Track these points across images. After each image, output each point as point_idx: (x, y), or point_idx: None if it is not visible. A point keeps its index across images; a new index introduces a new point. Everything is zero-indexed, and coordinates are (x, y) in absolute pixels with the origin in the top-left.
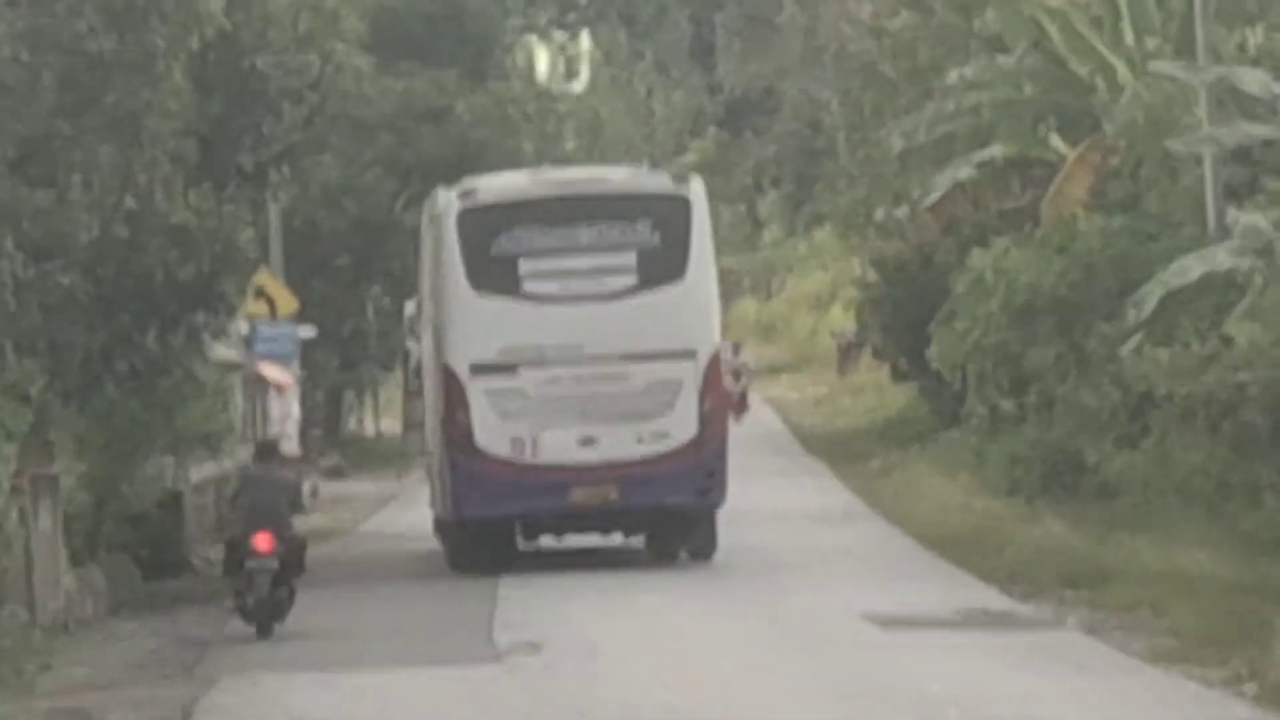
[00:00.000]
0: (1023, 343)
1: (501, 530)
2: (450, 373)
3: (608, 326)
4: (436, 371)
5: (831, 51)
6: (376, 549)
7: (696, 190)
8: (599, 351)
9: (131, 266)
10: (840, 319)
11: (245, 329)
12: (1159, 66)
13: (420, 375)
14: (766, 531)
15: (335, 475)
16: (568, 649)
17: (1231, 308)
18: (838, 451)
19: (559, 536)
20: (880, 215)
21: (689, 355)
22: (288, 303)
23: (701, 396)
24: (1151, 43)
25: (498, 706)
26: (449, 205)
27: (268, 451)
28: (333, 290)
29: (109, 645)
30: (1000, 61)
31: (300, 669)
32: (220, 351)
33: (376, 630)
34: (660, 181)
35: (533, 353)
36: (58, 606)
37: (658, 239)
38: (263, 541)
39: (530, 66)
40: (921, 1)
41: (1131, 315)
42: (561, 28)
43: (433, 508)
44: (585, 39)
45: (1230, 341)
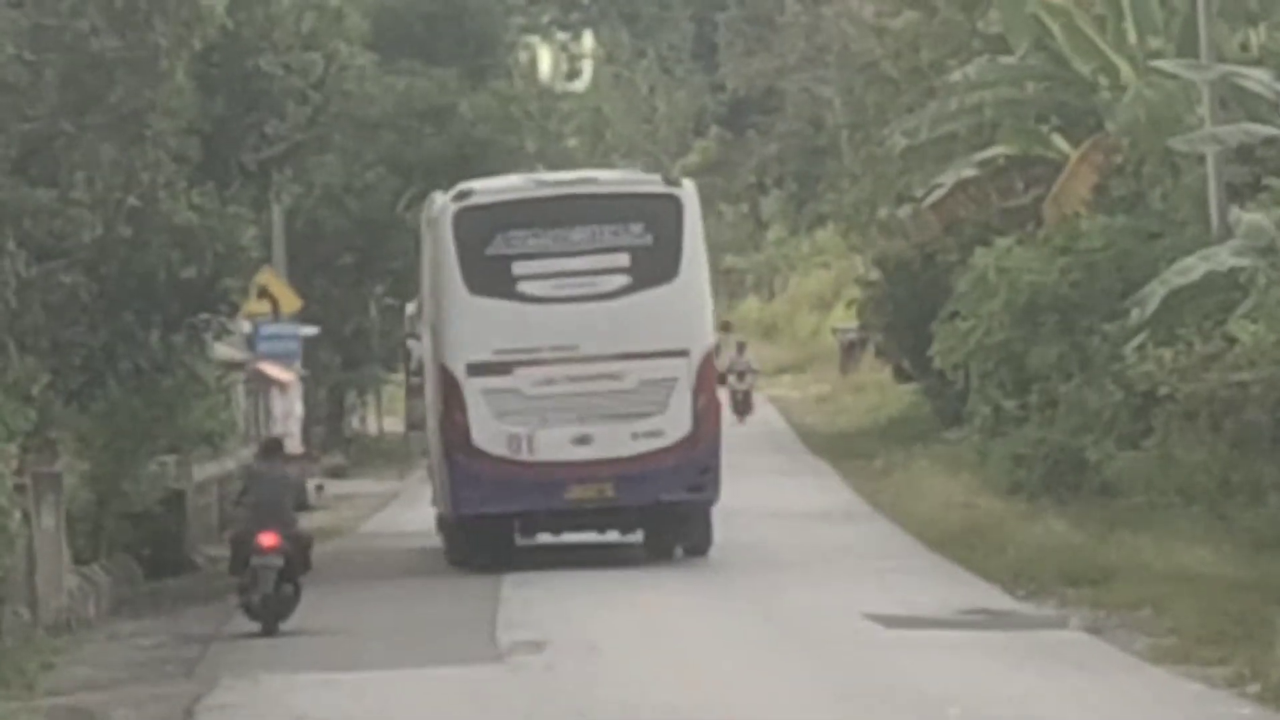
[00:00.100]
0: (1025, 342)
1: (500, 528)
2: (447, 373)
3: (602, 326)
4: (434, 372)
5: (834, 50)
6: (379, 548)
7: (688, 191)
8: (593, 351)
9: (134, 265)
10: (843, 318)
11: (248, 328)
12: (1162, 65)
13: (421, 375)
14: (768, 530)
15: (337, 474)
16: (570, 648)
17: (1234, 307)
18: (840, 450)
19: (556, 533)
20: (883, 214)
21: (682, 354)
22: (290, 302)
23: (695, 394)
24: (1154, 42)
25: (499, 706)
26: (444, 208)
27: (273, 449)
28: (335, 289)
29: (111, 644)
30: (1003, 60)
31: (302, 668)
32: (223, 350)
33: (379, 629)
34: (652, 183)
35: (528, 353)
36: (60, 605)
37: (650, 239)
38: (268, 539)
39: (533, 65)
40: (924, 0)
41: (1134, 314)
42: (564, 27)
43: (434, 506)
44: (588, 38)
45: (1233, 341)
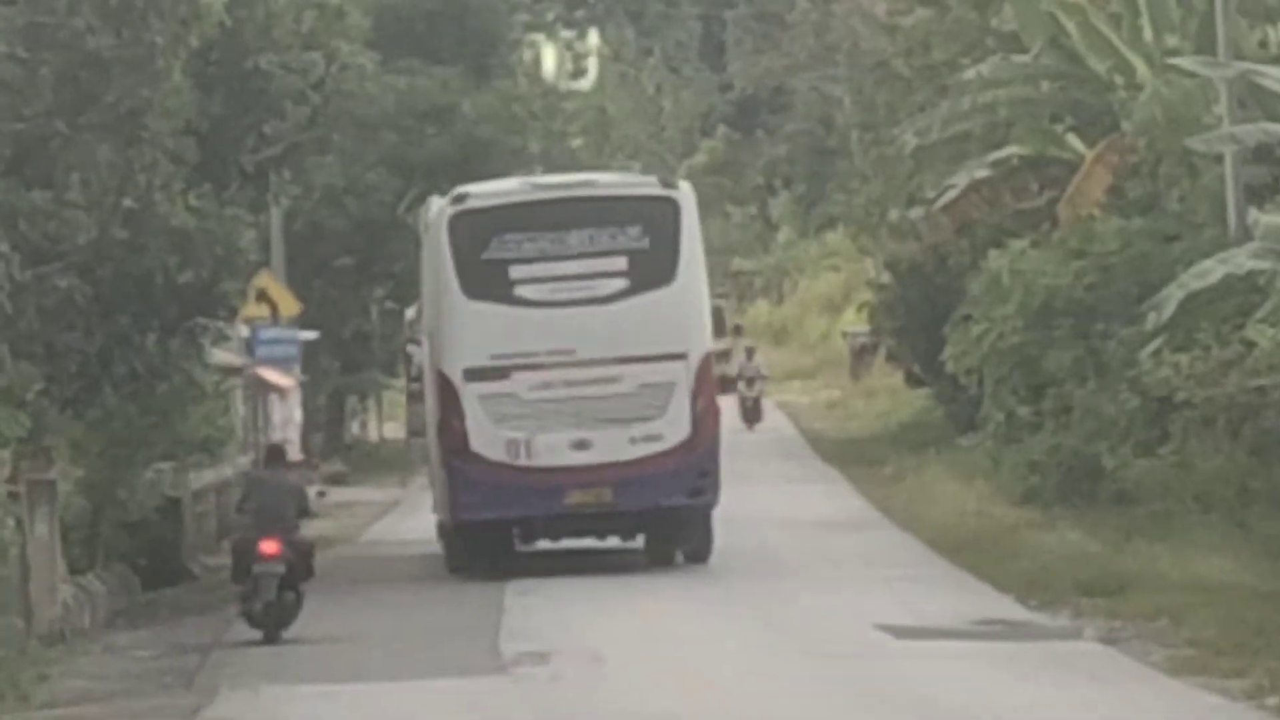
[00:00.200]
0: (1039, 346)
1: (499, 534)
2: (445, 378)
3: (599, 330)
4: (432, 377)
5: (844, 49)
6: (380, 556)
7: (685, 193)
8: (591, 355)
9: (130, 269)
10: (853, 322)
11: (246, 332)
12: (1179, 63)
13: (422, 380)
14: (775, 538)
15: (337, 481)
16: (574, 658)
17: (1253, 311)
18: (850, 457)
19: (555, 540)
20: (894, 216)
21: (680, 357)
22: (289, 305)
23: (694, 398)
24: (1171, 39)
25: (501, 719)
26: (440, 213)
27: (275, 456)
28: (335, 292)
29: (107, 656)
30: (1016, 59)
31: (302, 679)
32: (220, 355)
33: (380, 638)
34: (649, 185)
35: (525, 357)
36: (55, 616)
37: (647, 242)
38: (270, 546)
39: (537, 64)
40: None
41: (1151, 318)
42: (568, 25)
43: (435, 513)
44: (593, 36)
45: (1252, 345)
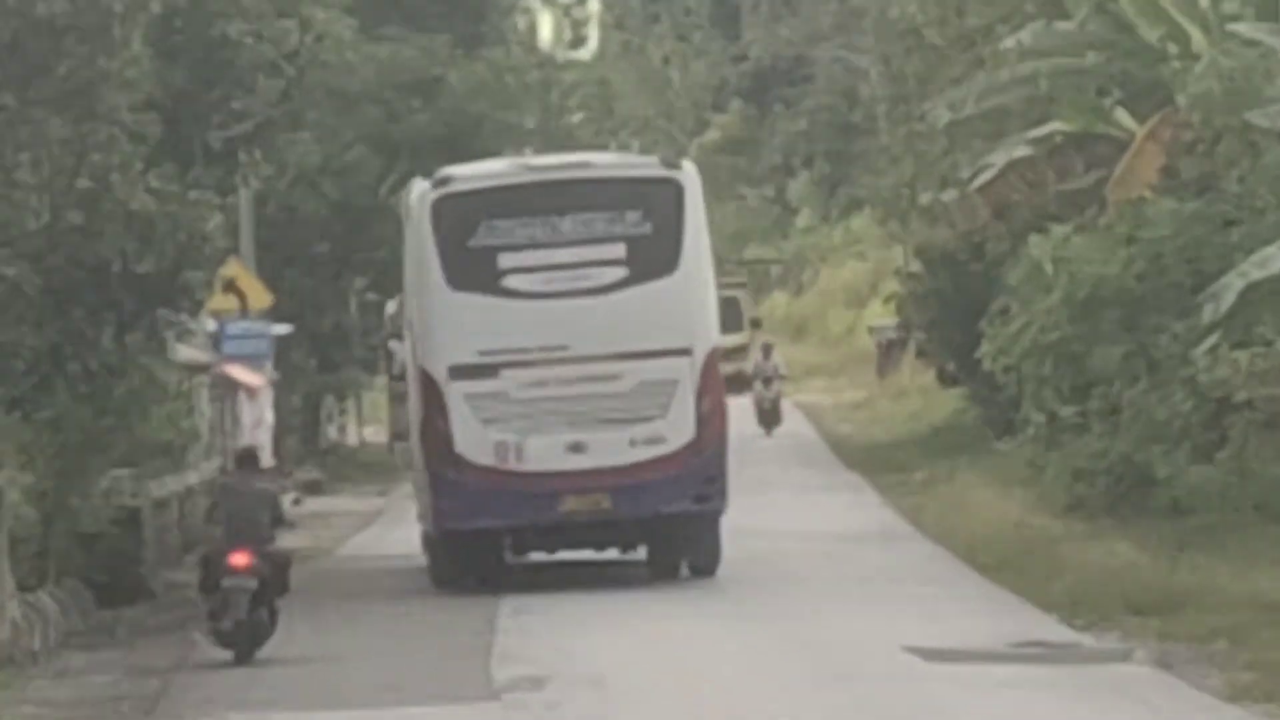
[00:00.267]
0: (1085, 342)
1: (487, 544)
2: (428, 376)
3: (596, 324)
4: (414, 375)
5: (870, 15)
6: (360, 571)
7: (688, 174)
8: (587, 351)
9: (85, 256)
10: (880, 315)
11: (212, 326)
12: (1239, 30)
13: (405, 379)
14: (795, 552)
15: (313, 489)
16: (573, 684)
17: None
18: (877, 463)
19: (550, 551)
20: (925, 199)
21: (684, 353)
22: (260, 297)
23: (699, 397)
24: (1230, 4)
25: None
26: (423, 196)
27: (247, 461)
28: (311, 283)
29: (60, 680)
30: (1060, 26)
31: (274, 707)
32: (184, 352)
33: (360, 662)
34: (649, 166)
35: (515, 353)
36: (2, 638)
37: (648, 228)
38: (241, 558)
39: (532, 32)
40: None
41: (1207, 311)
42: None
43: (420, 521)
44: (594, 1)
45: None
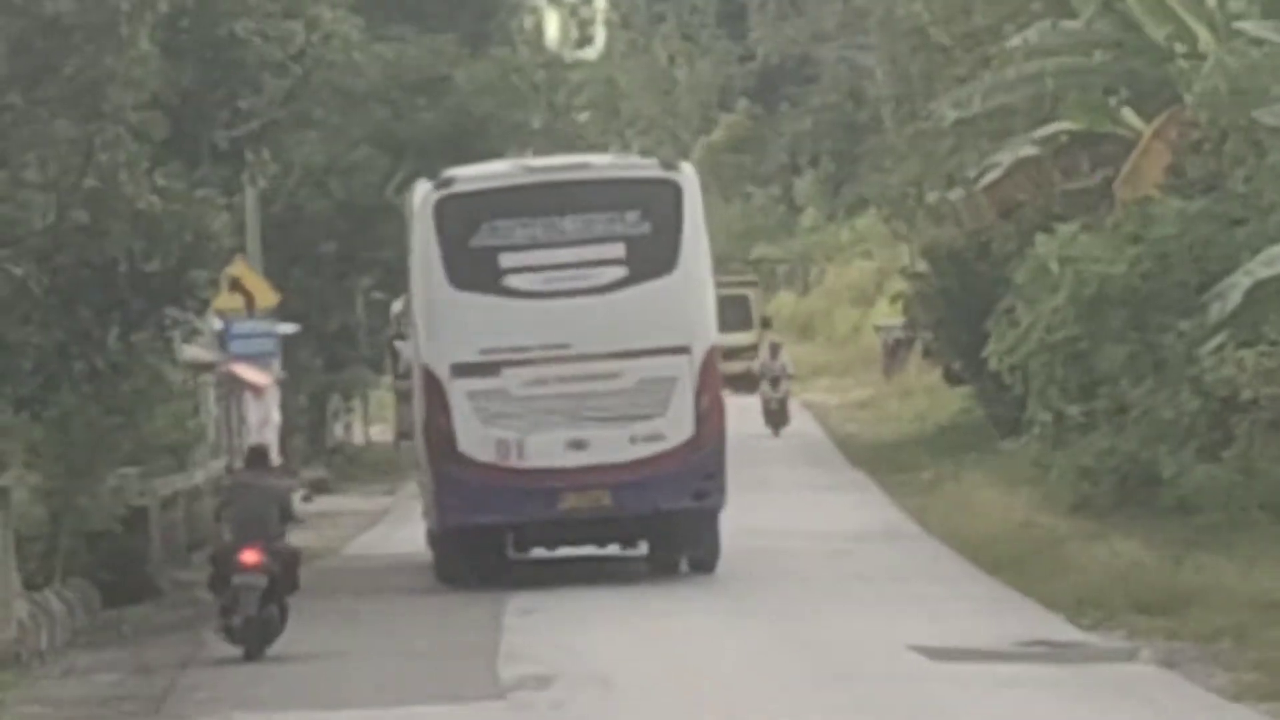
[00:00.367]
0: (1091, 341)
1: (489, 540)
2: (430, 374)
3: (596, 322)
4: (417, 373)
5: (876, 14)
6: (366, 570)
7: (687, 175)
8: (587, 349)
9: (91, 255)
10: (886, 314)
11: (219, 325)
12: (1245, 29)
13: (410, 378)
14: (801, 551)
15: (319, 489)
16: (579, 683)
17: None
18: (883, 462)
19: (551, 547)
20: (931, 198)
21: (683, 351)
22: (266, 296)
23: (697, 394)
24: (1236, 3)
25: None
26: (426, 197)
27: (257, 458)
28: (317, 282)
29: (66, 679)
30: (1066, 25)
31: (280, 706)
32: (190, 351)
33: (366, 660)
34: (649, 167)
35: (517, 351)
36: (8, 636)
37: (647, 228)
38: (251, 555)
39: (538, 31)
40: None
41: (1214, 310)
42: None
43: (425, 518)
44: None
45: None
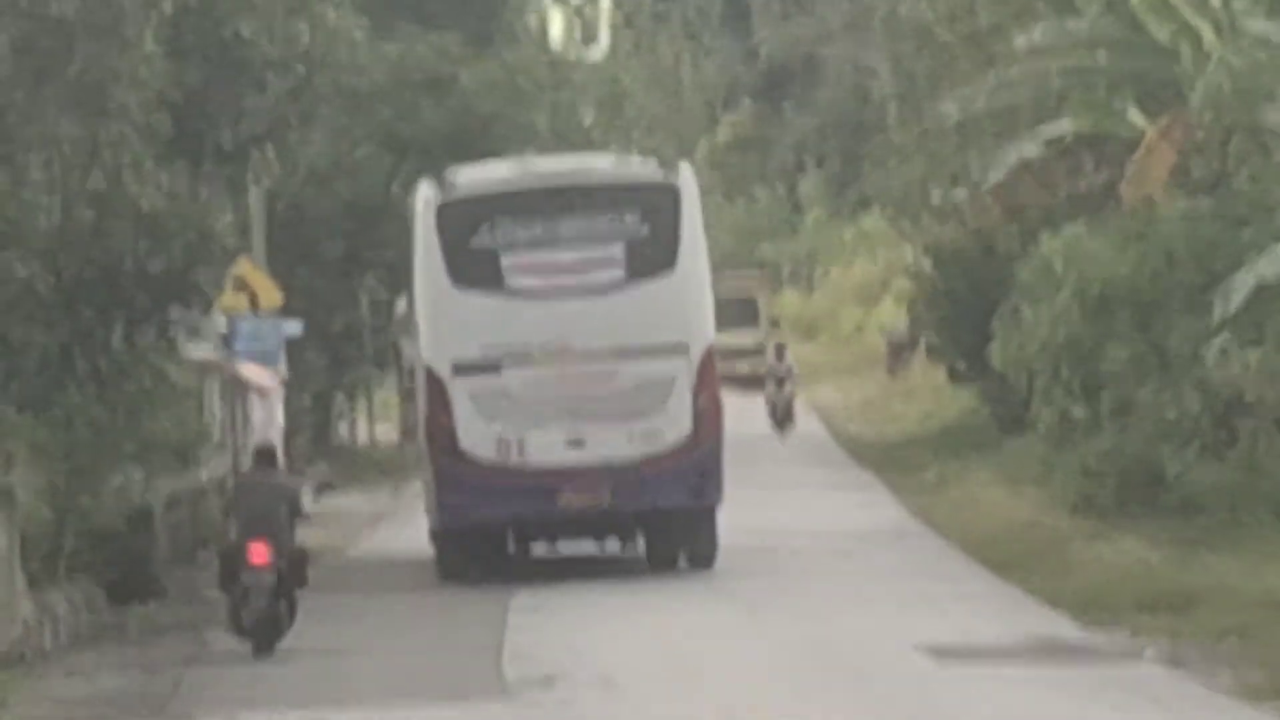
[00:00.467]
0: (1096, 340)
1: (491, 537)
2: (432, 373)
3: (595, 322)
4: (419, 372)
5: (880, 14)
6: (370, 570)
7: (685, 177)
8: (586, 348)
9: (96, 255)
10: (891, 314)
11: (223, 325)
12: (1250, 28)
13: (413, 377)
14: (806, 550)
15: (323, 489)
16: (584, 682)
17: None
18: (888, 462)
19: (551, 543)
20: (936, 197)
21: (681, 350)
22: (271, 296)
23: (695, 393)
24: (1240, 3)
25: None
26: (428, 198)
27: (265, 457)
28: (321, 281)
29: (72, 678)
30: (1070, 24)
31: (286, 704)
32: (195, 350)
33: (371, 661)
34: (648, 170)
35: (517, 351)
36: (13, 636)
37: (646, 229)
38: (259, 553)
39: (543, 31)
40: None
41: (1218, 310)
42: None
43: (427, 514)
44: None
45: None
